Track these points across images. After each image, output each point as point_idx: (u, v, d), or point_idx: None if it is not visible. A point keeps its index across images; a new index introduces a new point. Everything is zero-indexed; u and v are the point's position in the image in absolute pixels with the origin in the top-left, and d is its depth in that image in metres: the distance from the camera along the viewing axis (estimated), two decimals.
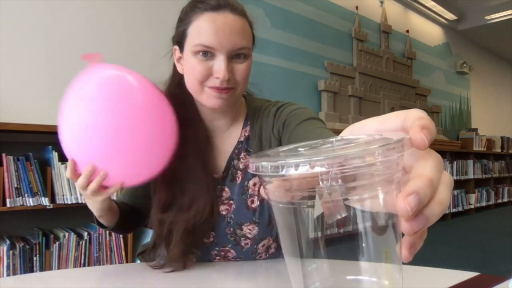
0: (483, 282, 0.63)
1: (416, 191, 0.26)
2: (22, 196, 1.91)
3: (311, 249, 0.31)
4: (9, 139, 2.04)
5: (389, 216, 0.28)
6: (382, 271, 0.30)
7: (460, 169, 5.62)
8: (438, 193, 0.27)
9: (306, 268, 0.31)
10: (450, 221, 5.15)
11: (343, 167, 0.25)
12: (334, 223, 0.28)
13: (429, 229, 0.28)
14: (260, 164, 0.28)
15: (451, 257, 3.26)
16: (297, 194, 0.29)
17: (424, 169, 0.27)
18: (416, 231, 0.27)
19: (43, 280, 0.76)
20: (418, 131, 0.27)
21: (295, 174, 0.26)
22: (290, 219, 0.30)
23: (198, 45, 0.75)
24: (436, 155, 0.28)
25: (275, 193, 0.30)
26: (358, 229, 0.29)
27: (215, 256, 0.87)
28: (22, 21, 2.22)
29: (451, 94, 6.39)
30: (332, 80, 4.21)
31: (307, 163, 0.25)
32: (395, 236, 0.29)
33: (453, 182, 0.29)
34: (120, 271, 0.83)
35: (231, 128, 0.89)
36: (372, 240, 0.29)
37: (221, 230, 0.85)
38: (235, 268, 0.83)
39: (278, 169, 0.26)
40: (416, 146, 0.27)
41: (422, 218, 0.27)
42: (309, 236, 0.30)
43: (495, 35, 6.66)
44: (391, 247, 0.29)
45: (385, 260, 0.29)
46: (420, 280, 0.69)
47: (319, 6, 4.16)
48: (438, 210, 0.27)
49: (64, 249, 2.03)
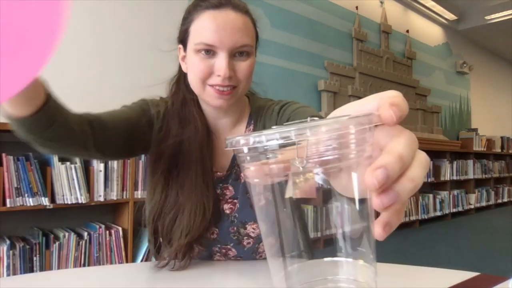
0: (483, 282, 0.63)
1: (384, 166, 0.26)
2: (22, 196, 1.91)
3: (290, 234, 0.32)
4: (9, 139, 2.04)
5: (361, 199, 0.29)
6: (358, 270, 0.30)
7: (460, 169, 5.62)
8: (410, 170, 0.28)
9: (286, 266, 0.32)
10: (450, 221, 5.15)
11: (313, 138, 0.26)
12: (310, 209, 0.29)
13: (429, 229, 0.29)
14: (234, 140, 0.29)
15: (451, 257, 3.26)
16: (275, 179, 0.30)
17: (395, 146, 0.28)
18: (387, 206, 0.27)
19: (43, 280, 0.76)
20: (387, 107, 0.28)
21: (266, 145, 0.27)
22: (268, 197, 0.31)
23: (199, 43, 0.75)
24: (409, 133, 0.29)
25: (255, 177, 0.31)
26: (332, 206, 0.30)
27: (216, 253, 0.87)
28: None
29: (451, 94, 6.39)
30: (332, 80, 4.21)
31: (278, 134, 0.26)
32: (368, 217, 0.30)
33: (429, 161, 0.30)
34: (120, 271, 0.83)
35: (235, 127, 0.89)
36: (347, 236, 0.30)
37: (224, 228, 0.85)
38: (236, 268, 0.83)
39: (252, 143, 0.27)
40: (384, 122, 0.28)
41: (392, 194, 0.27)
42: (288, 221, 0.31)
43: (495, 35, 6.66)
44: (364, 228, 0.30)
45: (357, 241, 0.30)
46: (420, 280, 0.69)
47: (319, 6, 4.16)
48: (409, 186, 0.27)
49: (64, 249, 2.03)
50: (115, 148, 0.78)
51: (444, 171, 5.30)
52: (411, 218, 4.54)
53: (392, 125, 0.28)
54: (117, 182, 2.24)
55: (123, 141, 0.78)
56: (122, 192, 2.26)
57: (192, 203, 0.79)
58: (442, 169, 5.29)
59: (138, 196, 2.31)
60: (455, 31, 6.50)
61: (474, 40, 6.96)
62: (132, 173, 2.30)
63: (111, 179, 2.22)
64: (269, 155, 0.29)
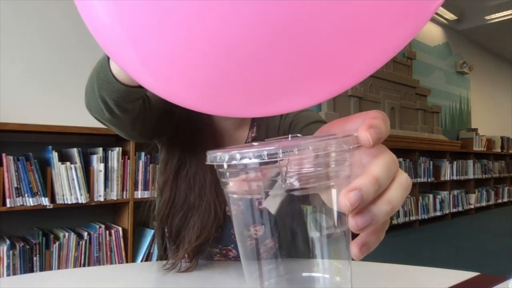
0: (483, 282, 0.63)
1: (359, 188, 0.26)
2: (22, 196, 1.91)
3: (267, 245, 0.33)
4: (9, 139, 2.04)
5: (339, 215, 0.30)
6: (334, 269, 0.31)
7: (460, 169, 5.62)
8: (388, 192, 0.27)
9: (262, 267, 0.32)
10: (450, 221, 5.15)
11: (292, 158, 0.27)
12: (287, 224, 0.31)
13: (429, 229, 0.29)
14: (212, 155, 0.29)
15: (451, 257, 3.26)
16: (255, 195, 0.30)
17: (373, 168, 0.27)
18: (362, 228, 0.27)
19: (43, 280, 0.76)
20: (364, 129, 0.28)
21: (241, 163, 0.27)
22: (247, 212, 0.32)
23: None
24: (389, 154, 0.29)
25: (234, 193, 0.31)
26: (310, 228, 0.31)
27: (216, 253, 0.87)
28: (22, 21, 2.22)
29: (451, 94, 6.39)
30: None
31: (253, 153, 0.27)
32: (345, 235, 0.30)
33: (410, 183, 0.29)
34: (120, 271, 0.83)
35: (238, 128, 0.89)
36: (322, 239, 0.30)
37: (226, 230, 0.85)
38: (236, 268, 0.83)
39: (227, 159, 0.28)
40: (361, 144, 0.28)
41: (368, 215, 0.27)
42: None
43: (495, 35, 6.66)
44: (340, 246, 0.30)
45: (334, 257, 0.30)
46: (420, 280, 0.69)
47: None
48: (386, 208, 0.27)
49: (64, 249, 2.03)
50: (149, 128, 0.77)
51: (444, 171, 5.30)
52: (411, 218, 4.54)
53: (368, 147, 0.28)
54: (117, 182, 2.24)
55: (156, 122, 0.77)
56: (122, 192, 2.26)
57: (203, 203, 0.78)
58: (442, 169, 5.29)
59: (138, 196, 2.31)
60: (455, 31, 6.50)
61: (474, 40, 6.96)
62: (132, 173, 2.29)
63: (111, 179, 2.22)
64: (249, 171, 0.29)
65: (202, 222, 0.78)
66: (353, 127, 0.30)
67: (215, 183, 0.81)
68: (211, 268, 0.82)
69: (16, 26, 2.19)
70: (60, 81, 2.28)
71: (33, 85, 2.24)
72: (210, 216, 0.78)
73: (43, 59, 2.28)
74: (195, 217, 0.78)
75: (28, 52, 2.23)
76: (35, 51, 2.26)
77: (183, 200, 0.80)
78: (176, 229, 0.79)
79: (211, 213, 0.78)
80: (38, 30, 2.27)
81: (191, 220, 0.78)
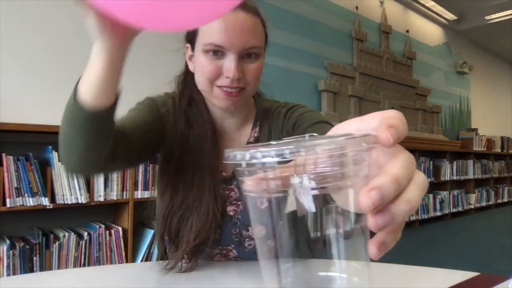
0: (483, 282, 0.63)
1: (379, 187, 0.26)
2: (22, 196, 1.91)
3: (286, 246, 0.32)
4: (9, 139, 2.04)
5: (357, 215, 0.30)
6: (351, 269, 0.31)
7: (460, 169, 5.62)
8: (407, 192, 0.28)
9: (280, 265, 0.32)
10: (450, 221, 5.15)
11: (310, 157, 0.27)
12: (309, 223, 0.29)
13: (429, 229, 0.29)
14: (231, 153, 0.29)
15: (451, 257, 3.26)
16: (273, 195, 0.30)
17: (392, 167, 0.28)
18: (382, 227, 0.27)
19: (43, 280, 0.76)
20: (384, 129, 0.28)
21: (262, 162, 0.27)
22: (266, 214, 0.32)
23: (208, 44, 0.74)
24: (407, 154, 0.29)
25: (252, 192, 0.31)
26: (328, 228, 0.30)
27: (216, 254, 0.87)
28: (22, 21, 2.22)
29: (451, 94, 6.39)
30: (332, 80, 4.21)
31: (274, 152, 0.26)
32: (364, 234, 0.30)
33: (427, 183, 0.30)
34: (120, 271, 0.83)
35: (241, 128, 0.88)
36: (340, 238, 0.30)
37: (227, 230, 0.84)
38: (236, 268, 0.83)
39: (248, 158, 0.28)
40: (381, 143, 0.28)
41: (387, 215, 0.27)
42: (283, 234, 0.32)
43: (495, 35, 6.66)
44: (358, 246, 0.30)
45: (351, 257, 0.30)
46: (420, 280, 0.69)
47: (319, 6, 4.16)
48: (405, 208, 0.27)
49: (64, 249, 2.03)
50: (138, 155, 0.78)
51: (444, 171, 5.30)
52: (411, 218, 4.53)
53: (389, 147, 0.28)
54: (117, 182, 2.24)
55: (142, 146, 0.77)
56: (122, 192, 2.26)
57: (202, 203, 0.78)
58: (442, 169, 5.29)
59: (138, 196, 2.31)
60: (455, 31, 6.50)
61: (474, 40, 6.96)
62: (132, 173, 2.30)
63: (111, 179, 2.23)
64: (267, 170, 0.29)
65: (200, 223, 0.78)
66: (369, 127, 0.30)
67: (214, 184, 0.80)
68: (211, 268, 0.82)
69: (16, 26, 2.19)
70: (60, 81, 2.27)
71: (33, 85, 2.24)
72: (208, 216, 0.78)
73: (43, 59, 2.28)
74: (193, 217, 0.78)
75: (28, 52, 2.23)
76: (35, 51, 2.26)
77: (182, 200, 0.80)
78: (175, 229, 0.79)
79: (209, 213, 0.78)
80: (38, 30, 2.27)
81: (189, 221, 0.78)
